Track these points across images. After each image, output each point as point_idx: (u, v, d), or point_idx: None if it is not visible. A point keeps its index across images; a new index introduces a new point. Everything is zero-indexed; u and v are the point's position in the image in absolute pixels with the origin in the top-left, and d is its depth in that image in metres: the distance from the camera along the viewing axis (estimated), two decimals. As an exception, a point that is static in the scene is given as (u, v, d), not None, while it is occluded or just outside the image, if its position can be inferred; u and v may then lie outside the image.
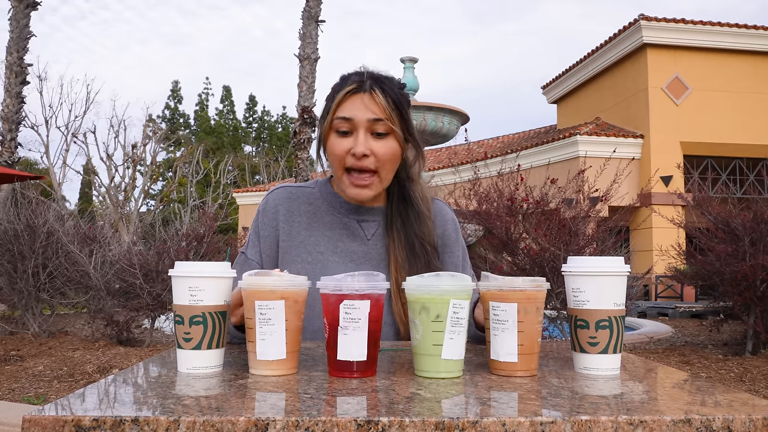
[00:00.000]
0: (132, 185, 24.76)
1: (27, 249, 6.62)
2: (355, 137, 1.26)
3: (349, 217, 1.37)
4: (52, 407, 0.67)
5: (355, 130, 1.26)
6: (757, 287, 5.29)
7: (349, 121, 1.26)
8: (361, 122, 1.25)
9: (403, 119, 1.30)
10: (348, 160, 1.27)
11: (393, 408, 0.69)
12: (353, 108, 1.26)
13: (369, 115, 1.25)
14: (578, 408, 0.70)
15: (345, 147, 1.26)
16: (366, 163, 1.26)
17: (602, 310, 0.93)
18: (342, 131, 1.27)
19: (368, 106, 1.26)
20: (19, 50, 11.18)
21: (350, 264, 1.33)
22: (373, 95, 1.26)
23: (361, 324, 0.88)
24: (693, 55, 14.18)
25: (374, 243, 1.36)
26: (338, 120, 1.27)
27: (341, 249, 1.35)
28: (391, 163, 1.29)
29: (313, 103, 10.75)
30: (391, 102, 1.27)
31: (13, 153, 11.13)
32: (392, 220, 1.36)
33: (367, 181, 1.28)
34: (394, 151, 1.28)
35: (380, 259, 1.35)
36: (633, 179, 13.44)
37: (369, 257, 1.35)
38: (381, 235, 1.37)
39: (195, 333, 0.91)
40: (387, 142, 1.27)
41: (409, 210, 1.37)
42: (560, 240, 4.98)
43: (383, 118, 1.25)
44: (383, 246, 1.36)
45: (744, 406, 0.72)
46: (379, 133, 1.26)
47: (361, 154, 1.25)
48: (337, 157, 1.27)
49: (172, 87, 41.27)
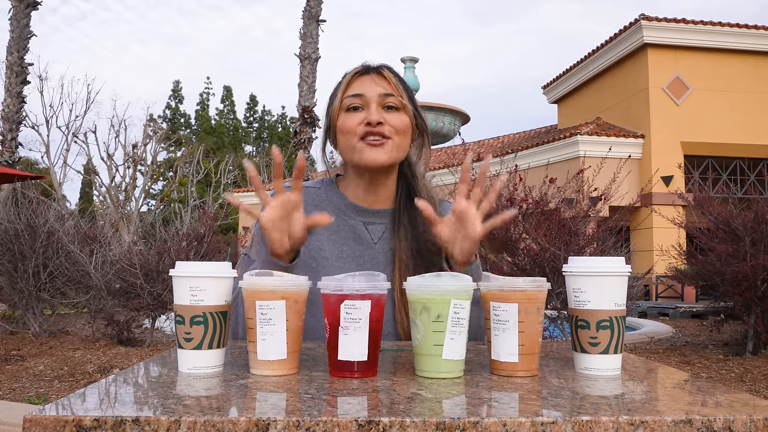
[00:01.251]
0: (132, 185, 24.76)
1: (27, 249, 6.62)
2: (368, 110, 1.26)
3: (356, 220, 1.35)
4: (53, 407, 0.67)
5: (366, 105, 1.26)
6: (758, 287, 5.29)
7: (361, 97, 1.26)
8: (373, 97, 1.26)
9: (412, 100, 1.31)
10: (361, 129, 1.25)
11: (394, 408, 0.69)
12: (363, 86, 1.27)
13: (380, 90, 1.26)
14: (579, 408, 0.70)
15: (358, 119, 1.26)
16: (381, 129, 1.25)
17: (603, 310, 0.93)
18: (353, 107, 1.27)
19: (378, 82, 1.27)
20: (20, 50, 11.18)
21: (356, 269, 1.30)
22: (382, 73, 1.28)
23: (361, 324, 0.88)
24: (694, 55, 14.17)
25: (381, 246, 1.34)
26: (349, 98, 1.27)
27: (347, 253, 1.32)
28: (404, 134, 1.28)
29: (314, 102, 10.75)
30: (399, 81, 1.29)
31: (14, 153, 11.14)
32: (399, 218, 1.34)
33: (382, 141, 1.26)
34: (407, 123, 1.28)
35: (387, 263, 1.32)
36: (633, 179, 13.44)
37: (376, 261, 1.32)
38: (388, 238, 1.34)
39: (196, 333, 0.91)
40: (399, 114, 1.27)
41: (416, 211, 1.34)
42: (560, 240, 4.98)
43: (394, 94, 1.27)
44: (390, 249, 1.33)
45: (745, 406, 0.72)
46: (390, 107, 1.27)
47: (376, 122, 1.24)
48: (350, 128, 1.26)
49: (173, 87, 41.31)
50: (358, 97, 1.26)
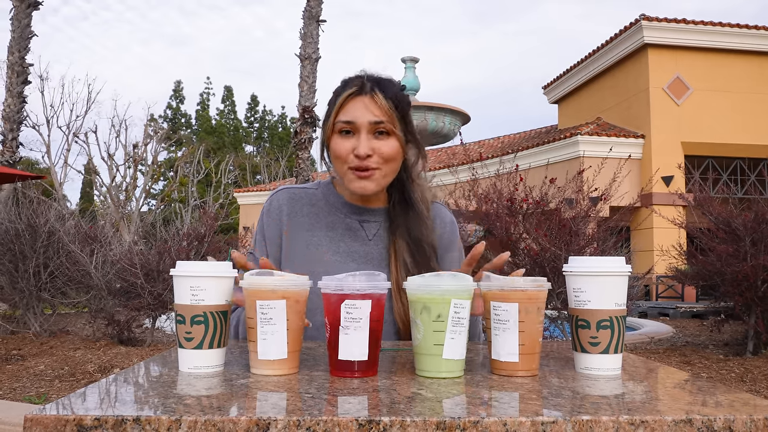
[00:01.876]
0: (133, 185, 24.77)
1: (28, 248, 6.63)
2: (358, 138, 1.28)
3: (351, 218, 1.39)
4: (54, 406, 0.67)
5: (357, 132, 1.28)
6: (758, 287, 5.29)
7: (351, 124, 1.28)
8: (363, 124, 1.28)
9: (404, 120, 1.32)
10: (351, 160, 1.29)
11: (394, 408, 0.69)
12: (355, 111, 1.28)
13: (370, 117, 1.28)
14: (579, 408, 0.70)
15: (348, 147, 1.29)
16: (369, 163, 1.28)
17: (603, 310, 0.93)
18: (344, 132, 1.29)
19: (369, 108, 1.28)
20: (21, 50, 11.19)
21: (351, 264, 1.35)
22: (374, 97, 1.28)
23: (362, 324, 0.88)
24: (694, 55, 14.17)
25: (375, 243, 1.38)
26: (340, 123, 1.29)
27: (343, 249, 1.36)
28: (393, 161, 1.31)
29: (314, 102, 10.76)
30: (392, 103, 1.29)
31: (15, 152, 11.14)
32: (394, 221, 1.38)
33: (370, 173, 1.29)
34: (396, 150, 1.31)
35: (381, 259, 1.36)
36: (634, 179, 13.44)
37: (370, 257, 1.36)
38: (382, 236, 1.39)
39: (196, 332, 0.92)
40: (389, 141, 1.29)
41: (409, 211, 1.38)
42: (561, 240, 4.98)
43: (384, 120, 1.28)
44: (384, 246, 1.38)
45: (745, 406, 0.72)
46: (381, 132, 1.29)
47: (364, 155, 1.27)
48: (341, 157, 1.30)
49: (175, 87, 41.34)
50: (348, 124, 1.29)
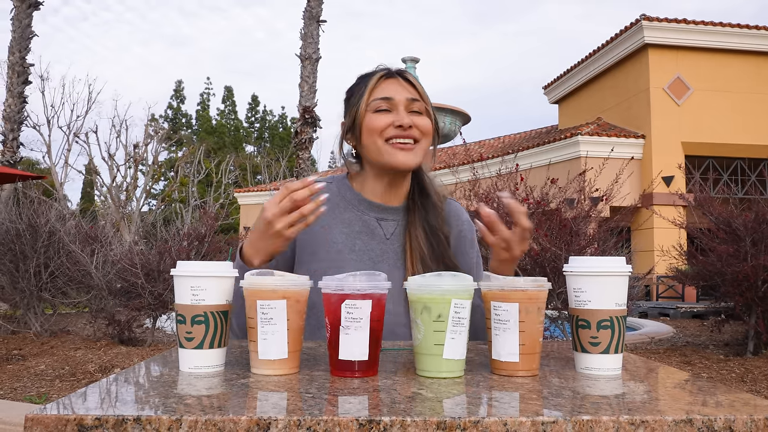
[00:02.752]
0: (134, 185, 24.78)
1: (29, 248, 6.63)
2: (397, 113, 1.28)
3: (369, 215, 1.36)
4: (55, 406, 0.67)
5: (394, 108, 1.29)
6: (759, 287, 5.29)
7: (389, 101, 1.29)
8: (401, 101, 1.29)
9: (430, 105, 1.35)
10: (390, 131, 1.28)
11: (394, 407, 0.69)
12: (390, 89, 1.30)
13: (407, 95, 1.30)
14: (580, 408, 0.70)
15: (387, 120, 1.28)
16: (412, 133, 1.29)
17: (604, 310, 0.93)
18: (381, 110, 1.29)
19: (404, 87, 1.31)
20: (21, 50, 11.20)
21: (368, 262, 1.32)
22: (406, 77, 1.32)
23: (362, 324, 0.88)
24: (694, 55, 14.16)
25: (392, 242, 1.35)
26: (377, 101, 1.29)
27: (359, 247, 1.33)
28: (429, 136, 1.32)
29: (315, 103, 10.76)
30: (421, 88, 1.33)
31: (15, 153, 11.15)
32: (414, 212, 1.36)
33: (413, 146, 1.29)
34: (431, 128, 1.32)
35: (397, 258, 1.34)
36: (634, 179, 13.43)
37: (386, 256, 1.34)
38: (400, 234, 1.37)
39: (197, 332, 0.92)
40: (424, 119, 1.31)
41: (428, 203, 1.38)
42: (561, 240, 4.98)
43: (419, 99, 1.30)
44: (401, 245, 1.36)
45: (746, 406, 0.72)
46: (415, 112, 1.30)
47: (408, 125, 1.27)
48: (378, 129, 1.28)
49: (175, 87, 41.33)
50: (386, 101, 1.29)
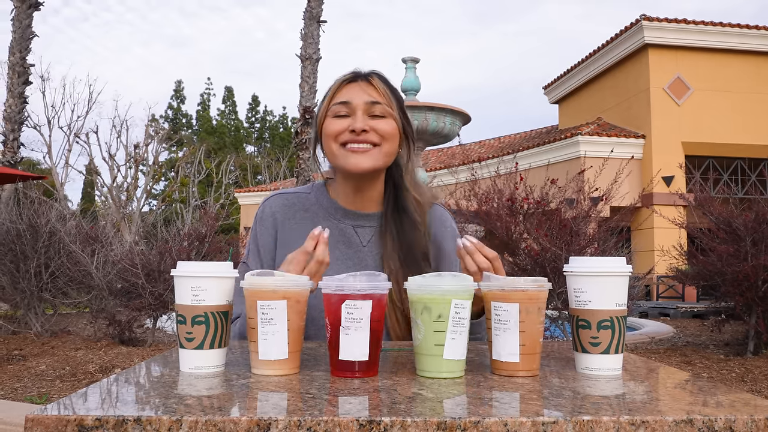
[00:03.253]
0: (134, 185, 24.79)
1: (29, 249, 6.63)
2: (354, 118, 1.25)
3: (345, 223, 1.36)
4: (55, 407, 0.67)
5: (352, 113, 1.26)
6: (759, 287, 5.29)
7: (347, 105, 1.26)
8: (359, 105, 1.25)
9: (401, 107, 1.30)
10: (345, 136, 1.25)
11: (395, 408, 0.69)
12: (350, 93, 1.27)
13: (366, 98, 1.26)
14: (580, 408, 0.70)
15: (342, 125, 1.25)
16: (366, 137, 1.25)
17: (604, 310, 0.93)
18: (339, 116, 1.26)
19: (366, 90, 1.27)
20: (22, 50, 11.20)
21: (345, 271, 1.30)
22: (370, 81, 1.28)
23: (362, 324, 0.88)
24: (694, 55, 14.16)
25: (369, 250, 1.35)
26: (336, 105, 1.26)
27: (337, 255, 1.32)
28: (392, 139, 1.28)
29: (315, 103, 10.76)
30: (388, 88, 1.29)
31: (16, 153, 11.15)
32: (386, 228, 1.34)
33: (366, 149, 1.25)
34: (393, 129, 1.28)
35: (374, 266, 1.33)
36: (634, 179, 13.43)
37: (365, 264, 1.33)
38: (377, 242, 1.35)
39: (197, 333, 0.92)
40: (386, 120, 1.27)
41: (403, 218, 1.35)
42: (561, 240, 4.98)
43: (381, 102, 1.26)
44: (378, 253, 1.34)
45: (746, 406, 0.72)
46: (376, 115, 1.26)
47: (360, 129, 1.23)
48: (333, 133, 1.26)
49: (175, 87, 41.31)
50: (344, 105, 1.26)
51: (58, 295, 7.08)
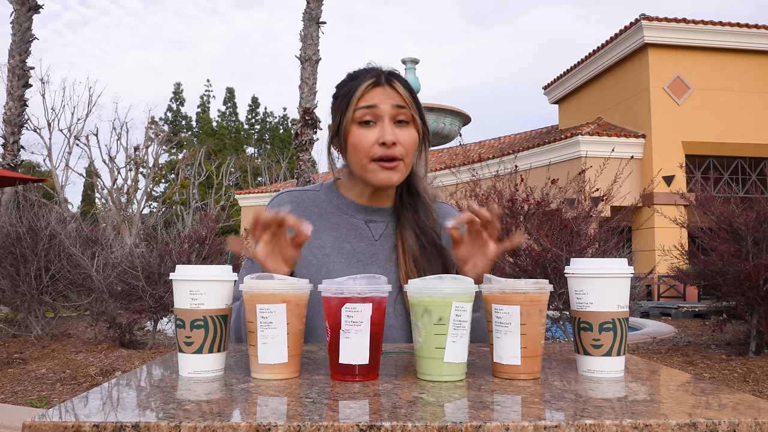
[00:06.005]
0: (134, 187, 24.79)
1: (29, 252, 6.63)
2: (381, 127, 1.27)
3: (357, 218, 1.37)
4: (55, 411, 0.67)
5: (379, 119, 1.28)
6: (760, 287, 5.28)
7: (373, 110, 1.27)
8: (386, 110, 1.27)
9: (419, 109, 1.33)
10: (376, 150, 1.27)
11: (395, 412, 0.68)
12: (375, 98, 1.28)
13: (393, 102, 1.28)
14: (582, 412, 0.69)
15: (372, 138, 1.27)
16: (395, 151, 1.27)
17: (606, 312, 0.93)
18: (365, 121, 1.28)
19: (390, 95, 1.29)
20: (22, 53, 11.20)
21: (357, 265, 1.32)
22: (393, 85, 1.30)
23: (363, 327, 0.88)
24: (694, 54, 14.17)
25: (382, 243, 1.36)
26: (362, 110, 1.28)
27: (347, 249, 1.33)
28: (414, 149, 1.32)
29: (315, 104, 10.77)
30: (409, 92, 1.31)
31: (16, 156, 11.15)
32: (402, 215, 1.36)
33: (396, 164, 1.29)
34: (415, 140, 1.31)
35: (387, 259, 1.34)
36: (635, 179, 13.43)
37: (376, 257, 1.34)
38: (389, 235, 1.37)
39: (196, 337, 0.91)
40: (409, 130, 1.30)
41: (417, 202, 1.38)
42: (562, 240, 4.97)
43: (405, 106, 1.29)
44: (391, 246, 1.36)
45: (750, 408, 0.72)
46: (401, 121, 1.29)
47: (391, 142, 1.26)
48: (364, 147, 1.28)
49: (175, 89, 41.34)
50: (371, 110, 1.27)
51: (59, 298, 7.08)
